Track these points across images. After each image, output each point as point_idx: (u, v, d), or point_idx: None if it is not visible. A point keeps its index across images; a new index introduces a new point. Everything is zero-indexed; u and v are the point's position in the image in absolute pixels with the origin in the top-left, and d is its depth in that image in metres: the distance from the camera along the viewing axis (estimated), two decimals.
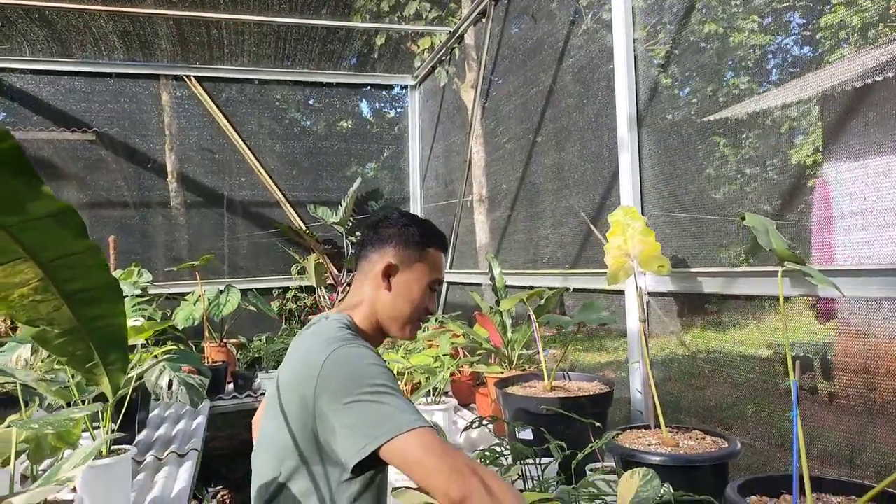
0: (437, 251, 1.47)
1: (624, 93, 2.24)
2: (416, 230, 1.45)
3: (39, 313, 1.00)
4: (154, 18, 3.70)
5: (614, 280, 1.74)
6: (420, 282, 1.42)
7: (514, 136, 3.40)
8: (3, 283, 0.96)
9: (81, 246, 0.94)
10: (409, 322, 1.43)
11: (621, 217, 1.75)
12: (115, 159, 4.53)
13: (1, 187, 0.85)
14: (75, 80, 4.34)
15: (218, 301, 3.73)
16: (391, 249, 1.42)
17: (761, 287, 1.69)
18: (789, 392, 1.74)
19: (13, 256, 0.93)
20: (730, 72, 2.05)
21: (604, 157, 2.49)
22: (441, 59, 4.47)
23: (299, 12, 3.71)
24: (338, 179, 5.02)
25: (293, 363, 1.29)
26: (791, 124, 1.83)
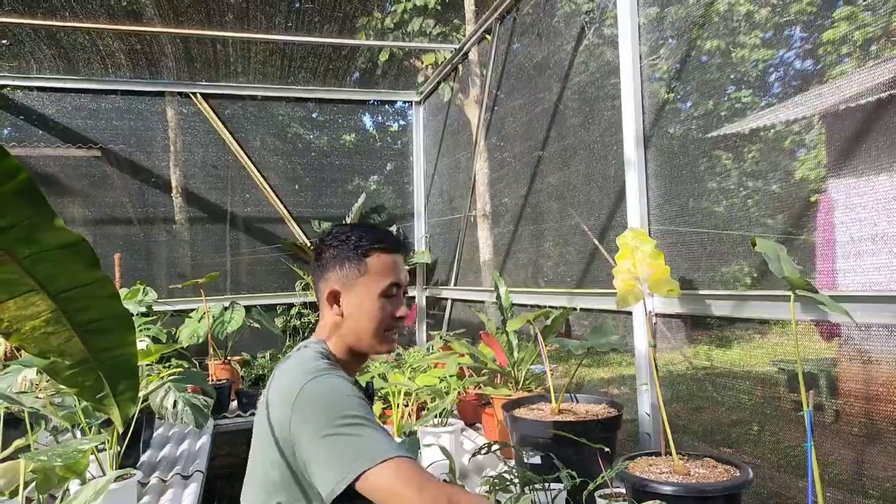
0: (380, 255, 1.38)
1: (630, 111, 2.24)
2: (351, 243, 1.38)
3: (51, 345, 1.00)
4: (161, 36, 3.72)
5: (624, 304, 1.73)
6: (369, 295, 1.36)
7: (518, 153, 3.41)
8: (15, 316, 0.95)
9: (93, 277, 0.94)
10: (377, 337, 1.37)
11: (630, 240, 1.74)
12: (120, 176, 4.55)
13: (15, 218, 0.85)
14: (81, 97, 4.36)
15: (223, 318, 3.72)
16: (331, 274, 1.38)
17: (772, 311, 1.68)
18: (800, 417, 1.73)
19: (26, 289, 0.93)
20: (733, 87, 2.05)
21: (609, 175, 2.49)
22: (445, 75, 4.48)
23: (305, 30, 3.73)
24: (341, 195, 5.02)
25: (273, 395, 1.26)
26: (799, 140, 1.83)
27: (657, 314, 2.13)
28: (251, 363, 4.07)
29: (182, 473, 2.42)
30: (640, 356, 2.16)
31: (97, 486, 1.04)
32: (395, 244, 1.41)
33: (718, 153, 2.04)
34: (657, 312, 2.12)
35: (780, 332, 1.80)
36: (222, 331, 3.70)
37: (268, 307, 4.49)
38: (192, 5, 3.37)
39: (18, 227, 0.85)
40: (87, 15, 3.37)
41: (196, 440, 2.92)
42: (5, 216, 0.84)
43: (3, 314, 0.95)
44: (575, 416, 1.97)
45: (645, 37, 2.27)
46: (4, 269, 0.89)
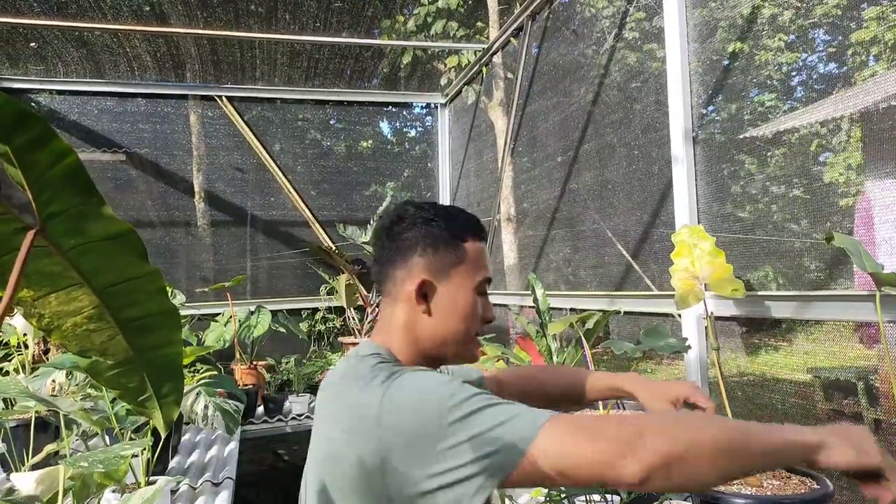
0: (475, 243, 1.14)
1: (679, 106, 2.15)
2: (442, 224, 1.12)
3: (93, 343, 0.93)
4: (187, 38, 3.69)
5: (684, 304, 1.64)
6: (466, 289, 1.11)
7: (550, 153, 3.32)
8: (57, 312, 0.89)
9: (142, 270, 0.88)
10: (466, 342, 1.13)
11: (686, 237, 1.65)
12: (145, 179, 4.53)
13: (62, 205, 0.79)
14: (107, 101, 4.35)
15: (249, 322, 3.67)
16: (418, 260, 1.10)
17: (843, 312, 1.58)
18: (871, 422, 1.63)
19: (69, 283, 0.87)
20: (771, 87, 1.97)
21: (653, 173, 2.40)
22: (472, 76, 4.42)
23: (333, 31, 3.69)
24: (366, 198, 4.97)
25: (332, 422, 0.99)
26: (857, 139, 1.74)
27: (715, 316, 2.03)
28: (276, 368, 4.01)
29: (212, 480, 2.36)
30: (689, 362, 2.07)
31: (145, 496, 0.97)
32: (486, 233, 1.19)
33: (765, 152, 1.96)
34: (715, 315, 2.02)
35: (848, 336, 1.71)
36: (248, 335, 3.64)
37: (292, 312, 4.43)
38: (219, 6, 3.34)
39: (65, 215, 0.79)
40: (115, 17, 3.35)
41: (224, 446, 2.86)
42: (52, 203, 0.78)
43: (45, 309, 0.89)
44: None
45: (692, 31, 2.18)
46: (48, 260, 0.83)
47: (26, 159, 0.74)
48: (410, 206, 1.15)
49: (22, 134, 0.73)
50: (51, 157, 0.75)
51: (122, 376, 0.98)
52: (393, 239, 1.13)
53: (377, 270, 1.17)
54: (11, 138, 0.72)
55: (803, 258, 1.84)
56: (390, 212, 1.17)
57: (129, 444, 1.08)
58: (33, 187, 0.76)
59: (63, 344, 0.93)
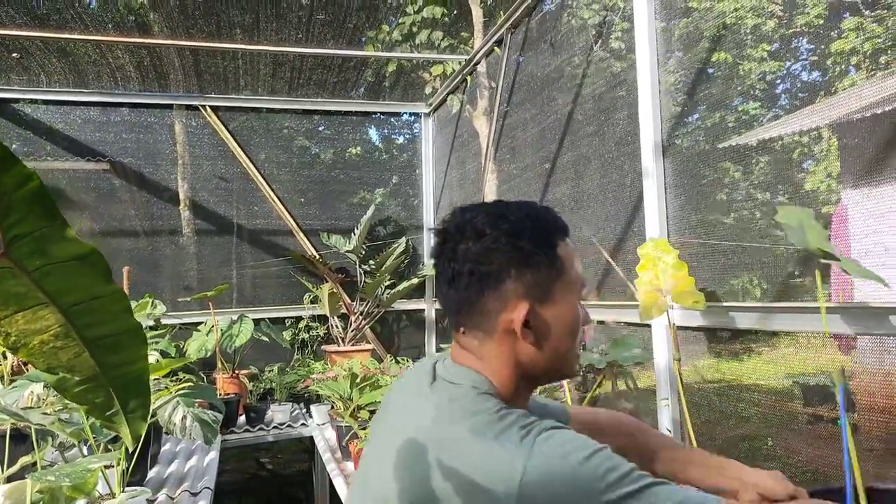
0: (566, 244, 0.99)
1: (648, 119, 2.21)
2: (529, 234, 0.94)
3: (59, 360, 0.96)
4: (170, 49, 3.71)
5: (647, 316, 1.68)
6: (570, 304, 0.96)
7: (530, 163, 3.37)
8: (23, 330, 0.91)
9: (105, 290, 0.90)
10: (573, 357, 0.99)
11: (651, 250, 1.70)
12: (129, 189, 4.53)
13: (25, 228, 0.82)
14: (91, 111, 4.36)
15: (231, 331, 3.68)
16: (515, 286, 0.92)
17: (801, 324, 1.63)
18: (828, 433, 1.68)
19: (34, 302, 0.89)
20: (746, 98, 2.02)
21: (625, 185, 2.45)
22: (455, 86, 4.47)
23: (316, 42, 3.72)
24: (349, 207, 5.00)
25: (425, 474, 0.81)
26: (815, 151, 1.80)
27: (677, 327, 2.07)
28: (259, 377, 4.02)
29: (190, 490, 2.37)
30: (659, 371, 2.11)
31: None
32: (567, 228, 1.03)
33: (736, 163, 2.01)
34: (677, 325, 2.07)
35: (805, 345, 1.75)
36: (231, 344, 3.66)
37: (275, 320, 4.44)
38: (202, 17, 3.36)
39: (28, 238, 0.82)
40: (97, 28, 3.37)
41: (204, 456, 2.87)
42: (14, 226, 0.81)
43: (11, 328, 0.91)
44: None
45: (661, 45, 2.24)
46: (13, 281, 0.86)
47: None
48: (481, 217, 0.96)
49: None
50: (14, 181, 0.78)
51: (89, 392, 1.00)
52: (473, 261, 0.94)
53: (451, 298, 0.98)
54: None
55: (775, 268, 1.89)
56: (455, 227, 0.98)
57: (97, 457, 1.10)
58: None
59: (31, 361, 0.95)
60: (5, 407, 1.21)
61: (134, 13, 3.29)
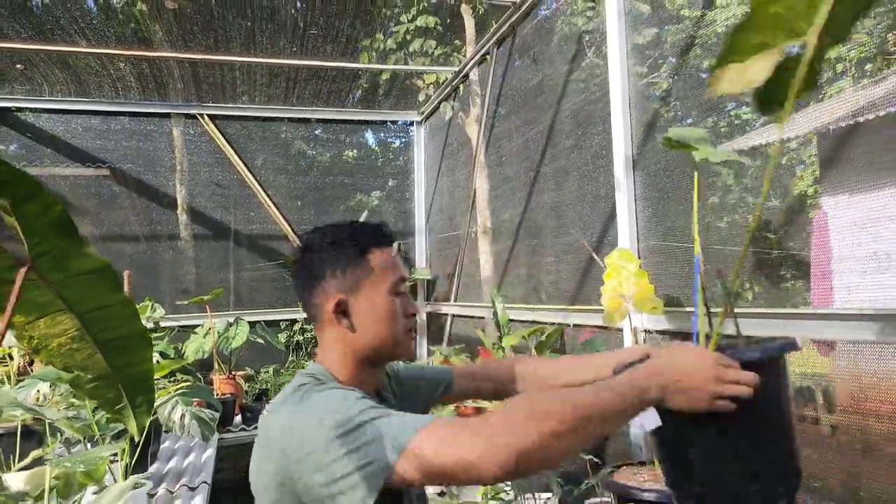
0: (380, 250, 1.22)
1: (620, 135, 2.34)
2: (346, 242, 1.21)
3: (75, 360, 1.09)
4: (170, 61, 3.85)
5: (610, 320, 1.82)
6: (381, 295, 1.20)
7: (515, 173, 3.51)
8: (44, 334, 1.05)
9: (117, 299, 1.04)
10: (396, 341, 1.21)
11: (616, 259, 1.84)
12: (128, 195, 4.67)
13: (48, 247, 0.95)
14: (92, 119, 4.49)
15: (227, 334, 3.81)
16: (331, 282, 1.19)
17: (750, 328, 1.77)
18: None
19: (54, 309, 1.03)
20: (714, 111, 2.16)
21: (601, 196, 2.59)
22: (446, 96, 4.60)
23: (310, 54, 3.86)
24: (343, 212, 5.13)
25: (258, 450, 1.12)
26: (789, 159, 1.90)
27: (645, 330, 2.21)
28: (255, 378, 4.15)
29: (189, 485, 2.50)
30: None
31: (119, 489, 1.13)
32: (392, 236, 1.27)
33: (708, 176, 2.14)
34: (645, 328, 2.21)
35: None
36: (227, 346, 3.78)
37: (271, 323, 4.57)
38: (201, 31, 3.50)
39: (50, 255, 0.95)
40: (99, 41, 3.50)
41: (201, 453, 3.00)
42: (39, 245, 0.94)
43: (34, 332, 1.05)
44: None
45: (632, 64, 2.38)
46: (37, 292, 0.99)
47: (21, 210, 0.90)
48: (316, 234, 1.24)
49: (17, 189, 0.89)
50: (40, 207, 0.91)
51: (100, 389, 1.14)
52: (305, 266, 1.23)
53: (302, 300, 1.26)
54: (9, 194, 0.88)
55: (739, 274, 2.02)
56: (301, 245, 1.26)
57: (108, 446, 1.23)
58: (26, 232, 0.92)
59: (49, 361, 1.08)
60: (22, 402, 1.34)
61: (134, 22, 3.41)
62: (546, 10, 3.14)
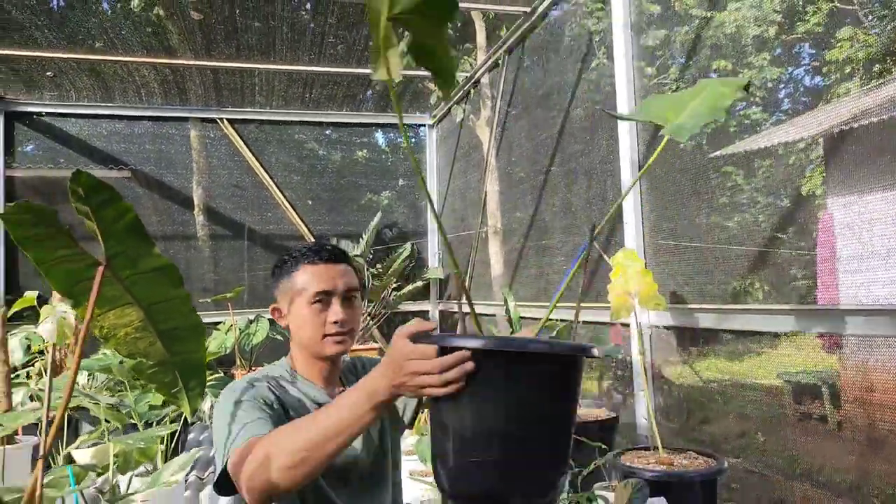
0: (304, 267, 1.46)
1: (626, 139, 2.46)
2: (281, 263, 1.50)
3: (138, 348, 1.23)
4: (192, 68, 4.00)
5: (617, 316, 1.94)
6: (300, 306, 1.44)
7: (525, 176, 3.63)
8: (113, 324, 1.19)
9: (177, 294, 1.18)
10: (318, 342, 1.44)
11: (622, 259, 1.96)
12: (150, 196, 4.83)
13: (122, 248, 1.09)
14: (116, 123, 4.66)
15: (248, 331, 3.96)
16: (275, 294, 1.52)
17: (751, 323, 1.89)
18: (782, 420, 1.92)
19: (123, 302, 1.17)
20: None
21: (608, 198, 2.71)
22: (457, 101, 4.73)
23: (327, 61, 4.00)
24: (357, 211, 5.27)
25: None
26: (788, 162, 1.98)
27: (652, 326, 2.33)
28: None
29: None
30: (635, 365, 2.37)
31: (180, 461, 1.26)
32: (325, 255, 1.48)
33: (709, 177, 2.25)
34: (652, 324, 2.33)
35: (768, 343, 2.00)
36: (248, 342, 3.93)
37: None
38: (223, 40, 3.64)
39: (124, 255, 1.09)
40: (125, 49, 3.65)
41: None
42: (114, 246, 1.08)
43: (105, 322, 1.18)
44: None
45: (638, 66, 2.49)
46: (109, 287, 1.12)
47: (100, 215, 1.04)
48: (283, 256, 1.52)
49: (97, 197, 1.02)
50: (116, 213, 1.05)
51: (159, 374, 1.27)
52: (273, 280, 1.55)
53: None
54: (90, 200, 1.02)
55: (735, 272, 2.12)
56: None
57: (161, 427, 1.37)
58: (104, 235, 1.06)
59: (116, 348, 1.22)
60: (82, 388, 1.48)
61: (159, 37, 3.56)
62: (557, 11, 3.22)
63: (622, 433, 2.39)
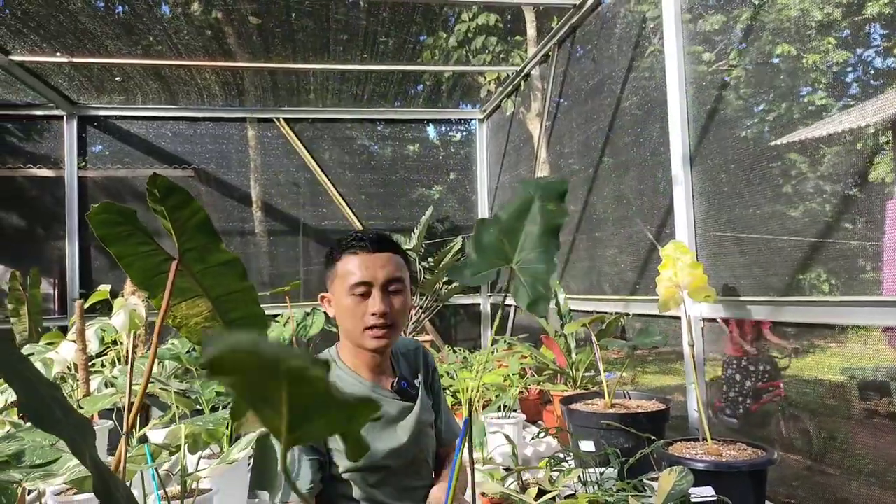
0: (349, 257, 1.47)
1: (678, 132, 2.44)
2: (331, 251, 1.52)
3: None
4: (251, 70, 4.15)
5: (665, 308, 1.94)
6: (342, 295, 1.46)
7: (576, 169, 3.63)
8: (185, 314, 1.28)
9: (242, 286, 1.26)
10: (358, 334, 1.46)
11: (671, 251, 1.95)
12: (210, 193, 5.04)
13: (194, 243, 1.18)
14: (180, 125, 4.88)
15: (305, 323, 4.10)
16: (326, 277, 1.54)
17: (805, 315, 1.86)
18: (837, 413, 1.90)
19: (193, 294, 1.26)
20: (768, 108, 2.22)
21: (659, 191, 2.70)
22: (507, 94, 4.75)
23: (379, 60, 4.09)
24: (408, 205, 5.36)
25: None
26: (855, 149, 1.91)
27: (704, 318, 2.32)
28: None
29: None
30: (687, 358, 2.36)
31: (248, 439, 1.36)
32: (367, 243, 1.47)
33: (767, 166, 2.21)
34: (704, 317, 2.31)
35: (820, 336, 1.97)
36: (305, 334, 4.07)
37: None
38: (280, 43, 3.77)
39: (195, 251, 1.18)
40: (189, 54, 3.82)
41: None
42: (187, 242, 1.17)
43: (177, 313, 1.28)
44: (626, 409, 2.18)
45: (691, 55, 2.47)
46: (182, 280, 1.22)
47: (174, 215, 1.13)
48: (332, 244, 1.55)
49: (171, 199, 1.11)
50: (189, 213, 1.14)
51: None
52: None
53: None
54: (165, 202, 1.11)
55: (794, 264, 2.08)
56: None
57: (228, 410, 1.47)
58: (177, 233, 1.15)
59: (188, 337, 1.31)
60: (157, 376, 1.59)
61: (219, 42, 3.71)
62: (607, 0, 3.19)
63: (673, 426, 2.39)
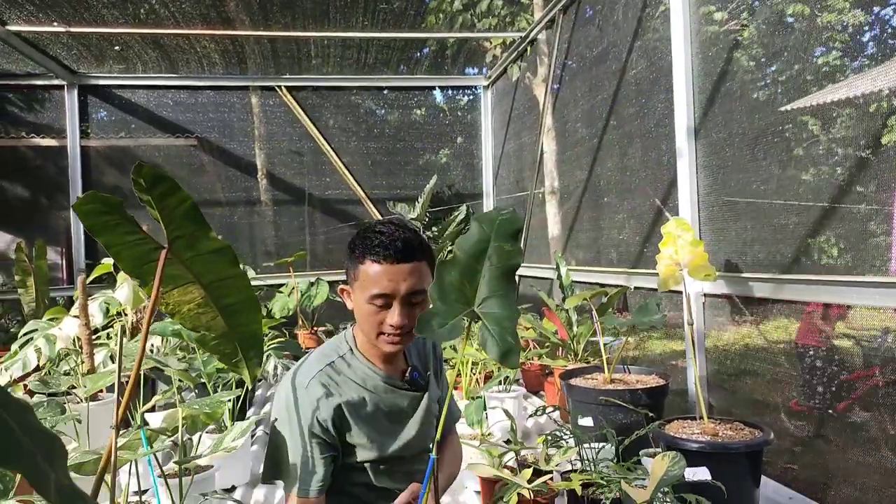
0: (371, 264, 1.37)
1: (682, 103, 2.39)
2: (354, 244, 1.42)
3: (201, 322, 1.33)
4: (250, 38, 4.08)
5: (665, 286, 1.93)
6: (360, 299, 1.39)
7: (581, 138, 3.58)
8: (177, 301, 1.28)
9: (234, 272, 1.26)
10: (374, 336, 1.41)
11: (672, 228, 1.93)
12: (214, 163, 5.02)
13: (182, 231, 1.17)
14: (181, 93, 4.83)
15: (309, 293, 4.12)
16: (347, 269, 1.45)
17: (806, 293, 1.85)
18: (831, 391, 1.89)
19: (185, 281, 1.26)
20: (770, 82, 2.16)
21: (663, 163, 2.65)
22: (513, 60, 4.66)
23: (380, 27, 4.01)
24: (413, 173, 5.32)
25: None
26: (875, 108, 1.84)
27: (705, 294, 2.30)
28: (335, 333, 4.46)
29: None
30: (687, 335, 2.35)
31: (241, 427, 1.37)
32: (393, 252, 1.36)
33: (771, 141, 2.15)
34: (705, 292, 2.30)
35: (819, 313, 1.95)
36: (309, 304, 4.09)
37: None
38: (279, 10, 3.70)
39: (184, 239, 1.17)
40: (187, 22, 3.76)
41: None
42: (175, 230, 1.16)
43: (170, 299, 1.28)
44: (625, 384, 2.19)
45: (695, 25, 2.39)
46: (172, 268, 1.21)
47: (161, 204, 1.11)
48: (357, 236, 1.45)
49: (158, 188, 1.10)
50: (177, 200, 1.12)
51: (220, 345, 1.37)
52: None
53: None
54: (152, 191, 1.10)
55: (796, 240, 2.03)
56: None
57: (226, 393, 1.48)
58: (165, 221, 1.14)
59: (182, 322, 1.32)
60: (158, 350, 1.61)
61: (218, 10, 3.64)
62: None
63: (672, 401, 2.39)
